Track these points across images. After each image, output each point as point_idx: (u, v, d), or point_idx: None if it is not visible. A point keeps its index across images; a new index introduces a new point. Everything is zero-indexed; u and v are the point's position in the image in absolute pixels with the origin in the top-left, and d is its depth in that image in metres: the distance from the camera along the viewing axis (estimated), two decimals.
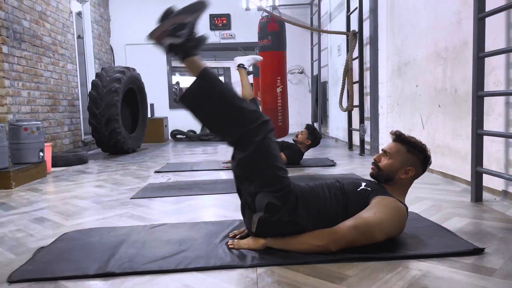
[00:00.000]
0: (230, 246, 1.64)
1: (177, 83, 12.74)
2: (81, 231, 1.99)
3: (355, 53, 4.85)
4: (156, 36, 1.64)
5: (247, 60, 4.05)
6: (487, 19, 2.27)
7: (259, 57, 4.19)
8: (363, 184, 1.69)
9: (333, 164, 3.97)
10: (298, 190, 1.66)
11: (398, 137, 1.74)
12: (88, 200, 2.74)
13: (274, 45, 5.72)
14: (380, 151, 1.80)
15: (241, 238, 1.73)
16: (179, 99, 1.65)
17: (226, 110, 1.60)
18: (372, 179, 1.77)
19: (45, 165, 3.81)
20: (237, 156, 1.61)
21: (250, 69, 4.17)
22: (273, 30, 5.70)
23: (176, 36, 1.63)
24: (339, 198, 1.65)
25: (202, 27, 7.99)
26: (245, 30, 7.96)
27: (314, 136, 3.99)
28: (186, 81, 13.85)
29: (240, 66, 4.01)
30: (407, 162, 1.69)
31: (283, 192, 1.56)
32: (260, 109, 3.89)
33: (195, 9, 1.67)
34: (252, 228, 1.58)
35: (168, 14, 1.63)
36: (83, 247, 1.72)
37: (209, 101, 1.61)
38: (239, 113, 1.59)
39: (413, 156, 1.70)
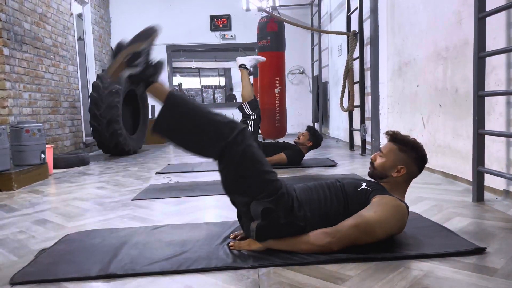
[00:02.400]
0: (231, 247, 1.65)
1: (179, 84, 12.75)
2: (83, 232, 1.99)
3: (356, 53, 4.86)
4: (113, 71, 1.61)
5: (249, 60, 4.01)
6: (487, 19, 2.27)
7: (261, 58, 4.14)
8: (364, 184, 1.70)
9: (333, 165, 3.97)
10: (293, 191, 1.67)
11: (391, 136, 1.77)
12: (89, 202, 2.75)
13: (273, 45, 5.71)
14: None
15: (242, 239, 1.73)
16: (152, 129, 1.59)
17: (201, 127, 1.57)
18: (372, 179, 1.78)
19: (46, 167, 3.82)
20: (223, 171, 1.60)
21: (252, 69, 4.16)
22: (272, 30, 5.70)
23: (134, 66, 1.60)
24: (340, 198, 1.66)
25: (203, 28, 8.04)
26: (245, 31, 7.96)
27: (315, 137, 4.00)
28: (188, 82, 13.86)
29: (242, 66, 3.98)
30: (398, 161, 1.71)
31: (276, 195, 1.56)
32: (259, 109, 3.92)
33: (148, 35, 1.63)
34: (252, 236, 1.59)
35: (120, 47, 1.61)
36: (85, 249, 1.73)
37: (183, 123, 1.57)
38: (215, 128, 1.56)
39: (405, 154, 1.71)
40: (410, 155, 1.71)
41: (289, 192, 1.63)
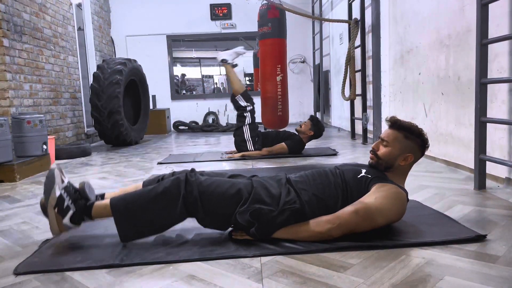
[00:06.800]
0: (233, 237, 1.65)
1: (183, 75, 12.71)
2: (86, 223, 1.99)
3: (357, 42, 4.82)
4: (57, 228, 1.62)
5: (229, 54, 3.98)
6: (490, 6, 2.24)
7: (242, 50, 4.09)
8: (363, 171, 1.69)
9: (335, 154, 3.97)
10: (284, 179, 1.71)
11: (394, 123, 1.72)
12: None
13: (274, 32, 5.62)
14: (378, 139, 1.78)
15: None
16: (122, 241, 1.61)
17: (155, 208, 1.59)
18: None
19: (48, 157, 3.83)
20: (200, 218, 1.62)
21: (236, 62, 4.12)
22: (274, 17, 5.62)
23: (67, 210, 1.62)
24: (339, 185, 1.66)
25: (203, 17, 7.98)
26: (246, 20, 7.90)
27: (317, 128, 3.99)
28: (189, 72, 13.81)
29: (223, 62, 3.95)
30: (405, 148, 1.68)
31: (249, 198, 1.58)
32: (253, 100, 3.98)
33: (51, 181, 1.65)
34: (257, 239, 1.59)
35: (44, 208, 1.65)
36: (89, 239, 1.74)
37: (139, 218, 1.59)
38: (164, 198, 1.59)
39: (410, 142, 1.69)
40: (416, 142, 1.69)
41: (270, 184, 1.67)
